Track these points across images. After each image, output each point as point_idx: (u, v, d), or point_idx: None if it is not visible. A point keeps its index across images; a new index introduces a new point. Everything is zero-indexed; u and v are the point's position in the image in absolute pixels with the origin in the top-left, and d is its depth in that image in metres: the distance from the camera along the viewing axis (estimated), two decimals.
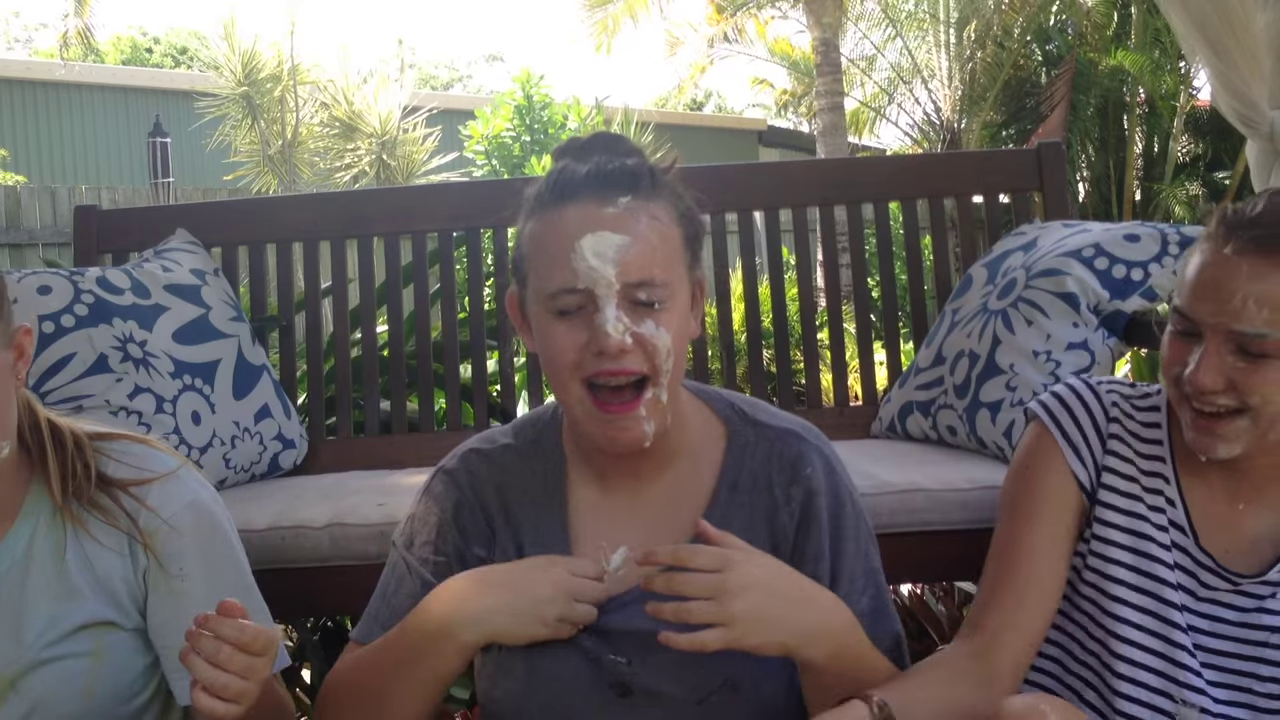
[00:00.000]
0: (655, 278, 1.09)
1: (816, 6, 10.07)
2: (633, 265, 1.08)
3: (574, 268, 1.08)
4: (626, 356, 1.08)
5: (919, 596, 2.49)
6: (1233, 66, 2.00)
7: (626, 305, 1.09)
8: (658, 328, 1.09)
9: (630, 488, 1.20)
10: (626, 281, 1.08)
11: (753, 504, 1.17)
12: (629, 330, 1.08)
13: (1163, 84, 11.34)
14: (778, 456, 1.18)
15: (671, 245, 1.12)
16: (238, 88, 8.44)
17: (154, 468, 1.22)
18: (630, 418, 1.10)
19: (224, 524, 1.25)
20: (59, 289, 1.77)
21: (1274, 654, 1.18)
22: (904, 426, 1.94)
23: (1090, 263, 1.73)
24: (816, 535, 1.16)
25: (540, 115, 7.82)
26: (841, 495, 1.18)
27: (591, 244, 1.08)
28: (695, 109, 20.41)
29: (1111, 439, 1.26)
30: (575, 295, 1.09)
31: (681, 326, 1.12)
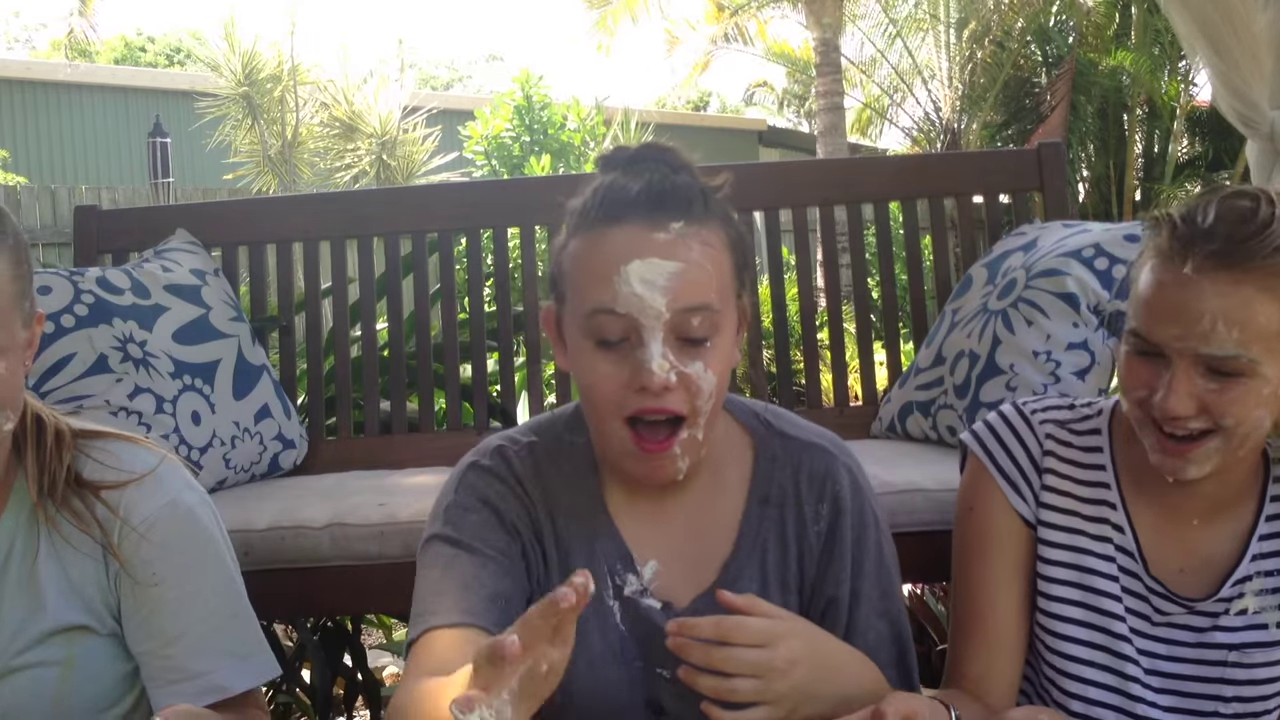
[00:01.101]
0: (711, 302, 1.03)
1: (816, 6, 10.07)
2: (684, 292, 1.01)
3: (617, 290, 1.01)
4: (669, 395, 1.02)
5: (919, 597, 2.49)
6: (1234, 66, 2.00)
7: (673, 341, 1.02)
8: (705, 370, 1.03)
9: (657, 498, 1.15)
10: (677, 309, 1.01)
11: (783, 519, 1.14)
12: (675, 369, 1.02)
13: (1162, 84, 11.34)
14: (807, 471, 1.14)
15: (724, 273, 1.06)
16: (238, 88, 8.45)
17: (133, 467, 1.17)
18: (665, 457, 1.05)
19: (206, 525, 1.19)
20: (59, 289, 1.77)
21: (1234, 673, 1.16)
22: (904, 426, 1.94)
23: (1090, 263, 1.73)
24: (841, 555, 1.12)
25: (540, 115, 7.83)
26: (866, 515, 1.14)
27: (640, 270, 1.01)
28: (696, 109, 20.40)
29: (1047, 473, 1.21)
30: (615, 320, 1.02)
31: (727, 363, 1.07)
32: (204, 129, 8.74)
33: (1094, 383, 1.68)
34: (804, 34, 11.56)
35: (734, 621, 0.96)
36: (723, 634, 0.95)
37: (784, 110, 15.58)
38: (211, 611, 1.17)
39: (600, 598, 1.12)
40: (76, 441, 1.18)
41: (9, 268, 1.10)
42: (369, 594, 1.66)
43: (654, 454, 1.05)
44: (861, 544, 1.13)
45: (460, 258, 2.50)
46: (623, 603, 1.12)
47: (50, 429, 1.17)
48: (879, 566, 1.14)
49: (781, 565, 1.13)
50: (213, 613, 1.17)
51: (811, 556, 1.13)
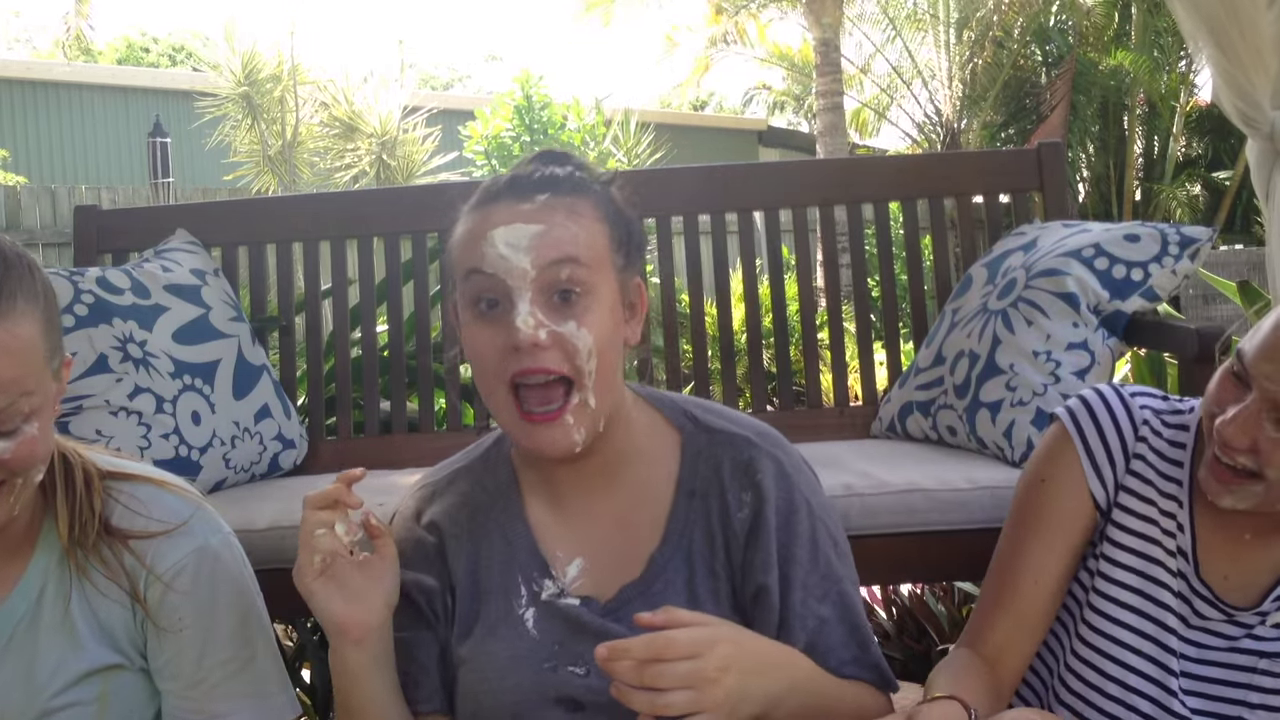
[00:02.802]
0: (579, 256, 1.07)
1: (816, 6, 10.07)
2: (547, 248, 1.06)
3: (484, 254, 1.07)
4: (544, 354, 1.06)
5: (919, 596, 2.49)
6: (1237, 64, 1.99)
7: (543, 302, 1.06)
8: (579, 327, 1.06)
9: (583, 497, 1.17)
10: (541, 265, 1.06)
11: (708, 509, 1.14)
12: (543, 327, 1.05)
13: (1162, 84, 11.35)
14: (730, 461, 1.15)
15: (594, 238, 1.10)
16: (238, 88, 8.45)
17: (163, 516, 1.17)
18: (557, 427, 1.08)
19: (230, 568, 1.20)
20: (59, 289, 1.76)
21: (1263, 680, 1.15)
22: (904, 426, 1.94)
23: (1090, 263, 1.73)
24: (765, 542, 1.12)
25: (540, 115, 7.83)
26: (795, 500, 1.14)
27: (504, 235, 1.07)
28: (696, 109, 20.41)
29: (1136, 458, 1.21)
30: (485, 279, 1.07)
31: (608, 328, 1.09)
32: (204, 129, 8.74)
33: (1093, 382, 1.68)
34: (804, 34, 11.57)
35: (665, 639, 0.96)
36: (655, 653, 0.95)
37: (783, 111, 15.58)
38: (233, 655, 1.18)
39: (510, 608, 1.15)
40: (105, 485, 1.18)
41: (39, 327, 1.06)
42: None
43: (541, 422, 1.07)
44: (789, 529, 1.13)
45: None
46: (538, 608, 1.15)
47: (78, 470, 1.17)
48: (814, 551, 1.13)
49: (709, 554, 1.14)
50: (234, 656, 1.18)
51: (737, 544, 1.13)
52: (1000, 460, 1.67)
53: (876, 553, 1.55)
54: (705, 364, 2.30)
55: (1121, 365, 2.79)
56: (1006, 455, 1.66)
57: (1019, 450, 1.64)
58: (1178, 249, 1.74)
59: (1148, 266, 1.73)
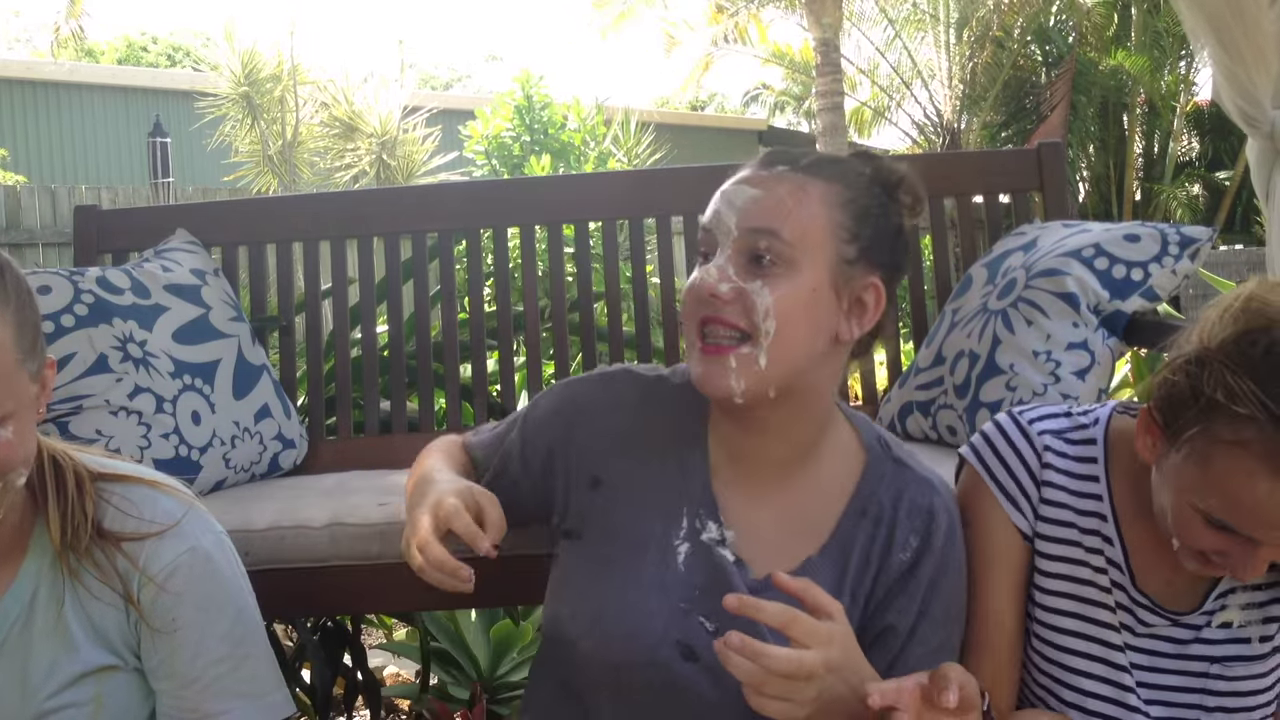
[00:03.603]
0: (780, 230, 1.09)
1: (816, 7, 10.07)
2: (754, 214, 1.10)
3: (708, 209, 1.15)
4: (726, 306, 1.09)
5: None
6: (1239, 62, 1.99)
7: (741, 261, 1.10)
8: (763, 288, 1.08)
9: (763, 470, 1.18)
10: (745, 227, 1.10)
11: (874, 534, 1.15)
12: (727, 281, 1.09)
13: (1162, 84, 11.35)
14: (910, 500, 1.16)
15: (811, 219, 1.10)
16: (238, 88, 8.45)
17: (155, 517, 1.17)
18: (718, 362, 1.10)
19: (222, 568, 1.19)
20: (59, 289, 1.77)
21: (1216, 684, 1.16)
22: (904, 426, 1.94)
23: (1090, 263, 1.73)
24: (913, 590, 1.13)
25: (540, 115, 7.82)
26: (950, 563, 1.16)
27: (728, 192, 1.14)
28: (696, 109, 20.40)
29: (1045, 485, 1.20)
30: (705, 234, 1.14)
31: (802, 302, 1.09)
32: (204, 129, 8.74)
33: (1094, 382, 1.68)
34: (804, 34, 11.57)
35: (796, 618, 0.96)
36: (784, 624, 0.96)
37: (784, 111, 15.58)
38: (227, 654, 1.18)
39: (667, 535, 1.16)
40: (96, 487, 1.17)
41: (9, 330, 1.04)
42: (369, 594, 1.66)
43: (710, 355, 1.10)
44: (936, 587, 1.14)
45: (460, 257, 2.50)
46: (693, 545, 1.15)
47: (69, 473, 1.16)
48: (946, 615, 1.15)
49: (859, 577, 1.14)
50: (228, 655, 1.18)
51: (887, 579, 1.14)
52: None
53: None
54: None
55: (1121, 365, 2.79)
56: None
57: None
58: (1178, 249, 1.74)
59: (1148, 266, 1.73)
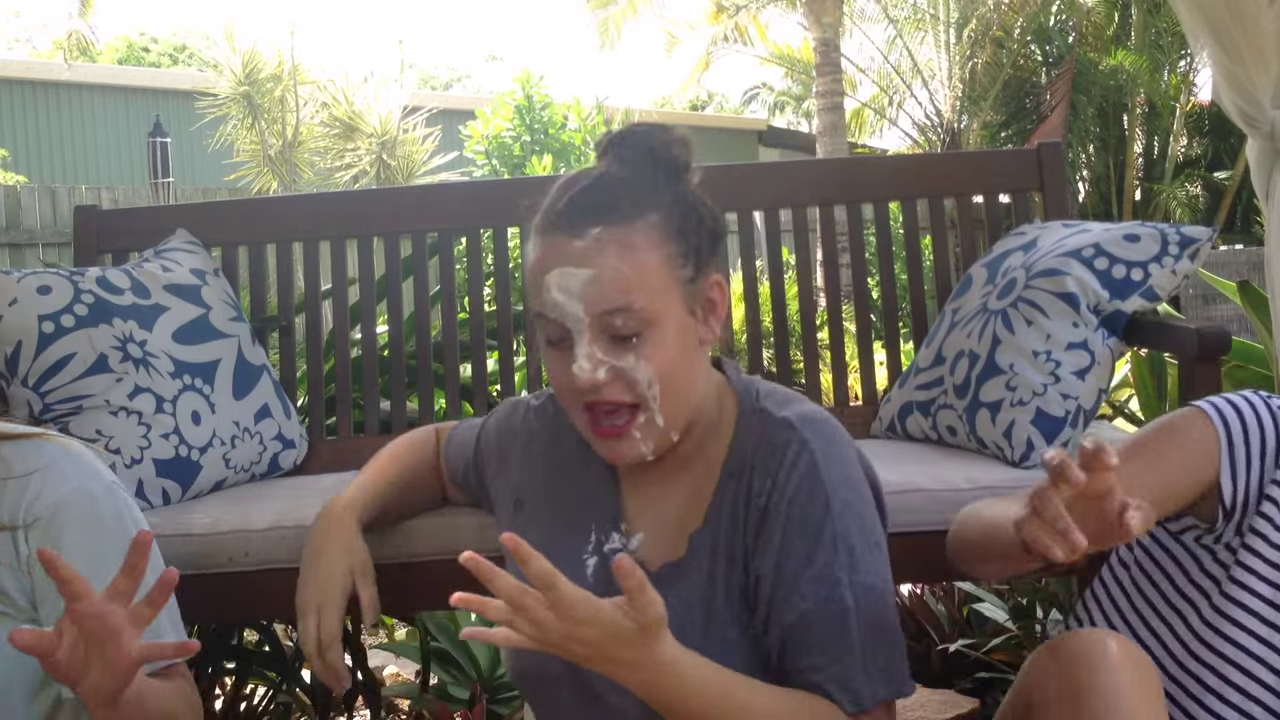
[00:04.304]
0: (631, 304, 1.07)
1: (816, 6, 10.07)
2: (600, 296, 1.07)
3: (544, 298, 1.09)
4: (607, 387, 1.09)
5: (919, 596, 2.50)
6: (1239, 62, 1.99)
7: (604, 339, 1.08)
8: (638, 360, 1.08)
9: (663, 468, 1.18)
10: (595, 313, 1.07)
11: (736, 492, 1.14)
12: (604, 364, 1.08)
13: (1162, 84, 11.34)
14: (766, 444, 1.13)
15: (652, 270, 1.08)
16: (238, 88, 8.45)
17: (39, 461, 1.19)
18: (624, 440, 1.11)
19: (108, 514, 1.20)
20: (59, 289, 1.77)
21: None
22: (904, 426, 1.94)
23: (1090, 263, 1.73)
24: (770, 532, 1.10)
25: (540, 115, 7.83)
26: (813, 492, 1.10)
27: (557, 279, 1.08)
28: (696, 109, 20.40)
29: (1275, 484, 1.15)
30: (549, 323, 1.10)
31: (673, 352, 1.10)
32: (204, 129, 8.75)
33: (1094, 382, 1.68)
34: (804, 34, 11.57)
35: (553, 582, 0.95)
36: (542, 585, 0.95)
37: (784, 111, 15.58)
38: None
39: (577, 549, 1.19)
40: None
41: None
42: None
43: (611, 438, 1.12)
44: (795, 522, 1.09)
45: (460, 257, 2.50)
46: (600, 557, 1.18)
47: None
48: (814, 547, 1.09)
49: (730, 539, 1.13)
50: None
51: (752, 530, 1.12)
52: (1000, 460, 1.67)
53: None
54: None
55: (1121, 365, 2.79)
56: (1006, 455, 1.66)
57: (1019, 450, 1.64)
58: (1178, 249, 1.74)
59: (1148, 266, 1.73)
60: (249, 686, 2.34)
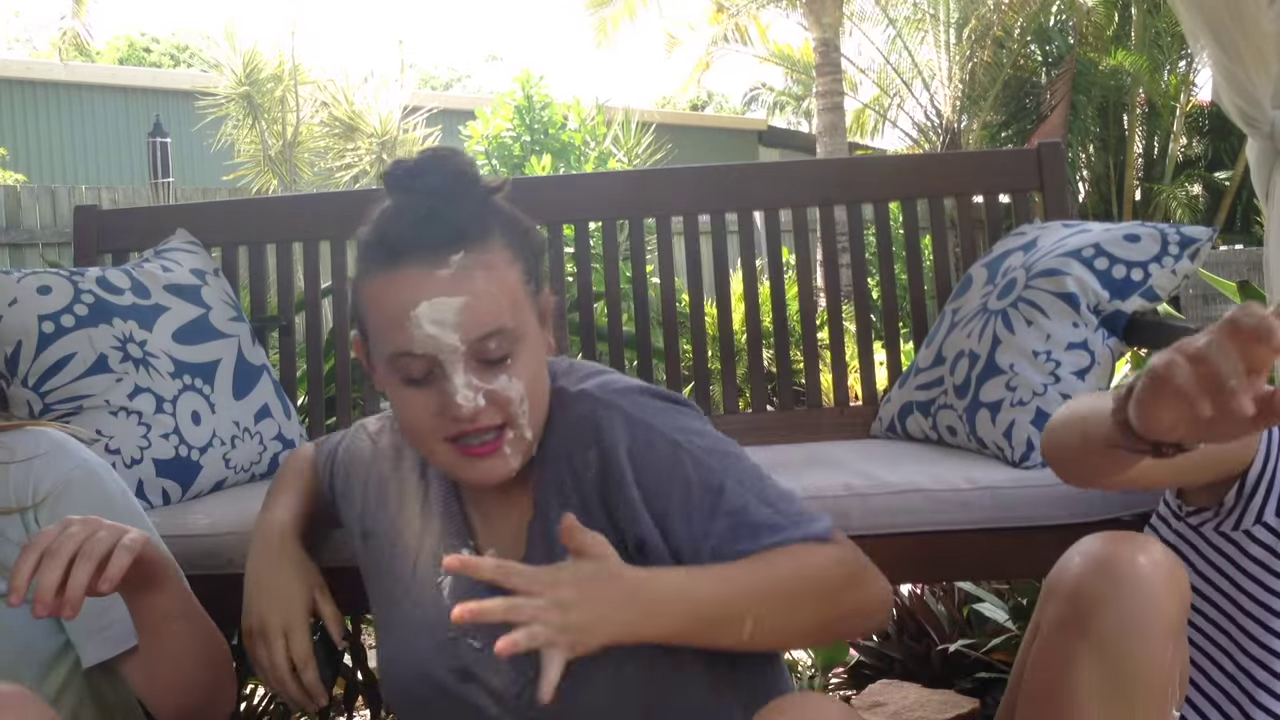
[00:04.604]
0: (504, 325, 1.07)
1: (816, 6, 10.07)
2: (475, 322, 1.05)
3: (412, 334, 1.05)
4: (481, 414, 1.07)
5: (919, 596, 2.49)
6: (1238, 62, 1.99)
7: (475, 365, 1.07)
8: (510, 379, 1.07)
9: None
10: (471, 340, 1.05)
11: (559, 477, 1.14)
12: (481, 391, 1.06)
13: (1162, 84, 11.34)
14: (573, 424, 1.14)
15: (514, 288, 1.09)
16: (238, 88, 8.45)
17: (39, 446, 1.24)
18: (496, 457, 1.09)
19: (113, 487, 1.27)
20: (59, 289, 1.77)
21: None
22: (904, 426, 1.94)
23: (1090, 263, 1.73)
24: (626, 494, 1.10)
25: (540, 115, 7.82)
26: (653, 438, 1.11)
27: (428, 312, 1.05)
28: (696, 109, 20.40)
29: None
30: (415, 360, 1.07)
31: (536, 364, 1.11)
32: (205, 129, 8.74)
33: (1093, 382, 1.68)
34: (804, 34, 11.57)
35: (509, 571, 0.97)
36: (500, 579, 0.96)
37: (784, 111, 15.58)
38: None
39: (428, 575, 1.19)
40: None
41: None
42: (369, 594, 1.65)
43: (481, 457, 1.09)
44: (649, 469, 1.10)
45: None
46: (453, 578, 1.16)
47: None
48: (693, 474, 1.10)
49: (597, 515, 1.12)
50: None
51: (597, 505, 1.12)
52: (1000, 460, 1.67)
53: (876, 553, 1.54)
54: (705, 364, 2.30)
55: (1122, 365, 2.79)
56: (1006, 455, 1.66)
57: (1019, 450, 1.64)
58: (1178, 249, 1.74)
59: (1148, 266, 1.73)
60: (249, 686, 2.34)
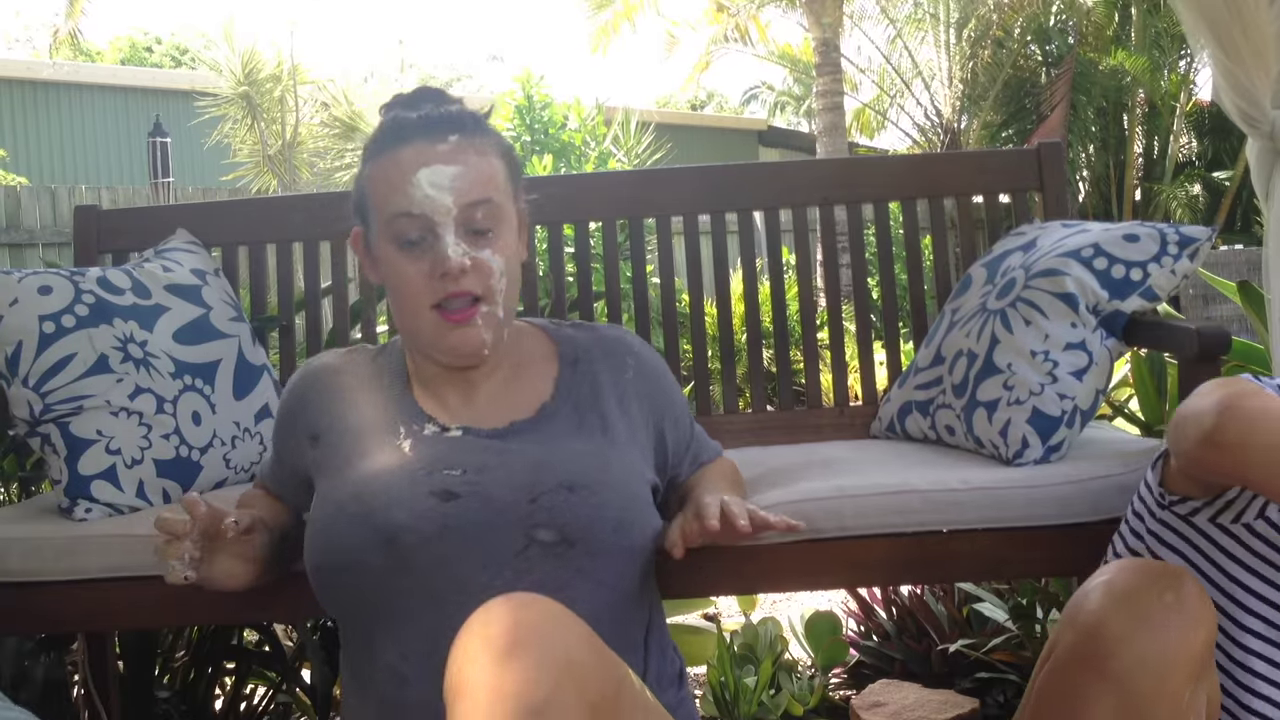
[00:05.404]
0: (491, 197, 1.26)
1: (816, 6, 10.07)
2: (467, 189, 1.24)
3: (411, 196, 1.23)
4: (465, 279, 1.24)
5: (919, 596, 2.50)
6: (1239, 62, 1.98)
7: (464, 234, 1.25)
8: (493, 254, 1.26)
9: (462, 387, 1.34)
10: (463, 204, 1.24)
11: (594, 372, 1.36)
12: (468, 254, 1.24)
13: (1162, 84, 11.34)
14: (604, 344, 1.39)
15: (499, 175, 1.28)
16: (238, 88, 8.45)
17: None
18: (470, 326, 1.26)
19: None
20: (59, 289, 1.77)
21: None
22: (903, 426, 1.94)
23: (1089, 263, 1.73)
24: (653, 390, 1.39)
25: (541, 115, 7.82)
26: (660, 363, 1.43)
27: (428, 175, 1.23)
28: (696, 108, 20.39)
29: None
30: (412, 220, 1.24)
31: (513, 251, 1.30)
32: (204, 129, 8.75)
33: (1091, 383, 1.68)
34: (804, 34, 11.56)
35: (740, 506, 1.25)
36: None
37: (784, 111, 15.58)
38: None
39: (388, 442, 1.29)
40: None
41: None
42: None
43: (460, 322, 1.26)
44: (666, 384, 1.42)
45: None
46: (417, 439, 1.29)
47: None
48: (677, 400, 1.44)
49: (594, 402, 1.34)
50: None
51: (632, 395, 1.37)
52: (996, 460, 1.67)
53: (876, 553, 1.55)
54: (705, 364, 2.30)
55: (1121, 365, 2.79)
56: (1002, 454, 1.66)
57: (1013, 448, 1.64)
58: (1177, 249, 1.74)
59: (1147, 266, 1.73)
60: (249, 686, 2.34)
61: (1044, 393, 1.66)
